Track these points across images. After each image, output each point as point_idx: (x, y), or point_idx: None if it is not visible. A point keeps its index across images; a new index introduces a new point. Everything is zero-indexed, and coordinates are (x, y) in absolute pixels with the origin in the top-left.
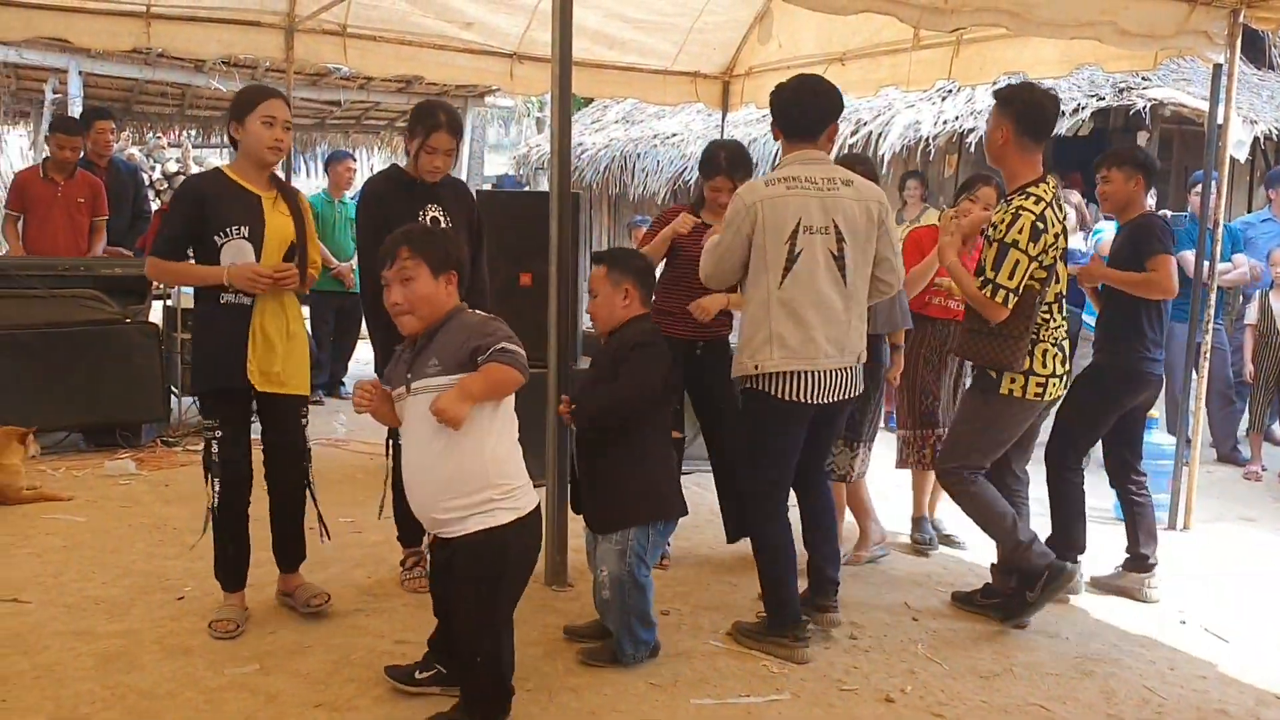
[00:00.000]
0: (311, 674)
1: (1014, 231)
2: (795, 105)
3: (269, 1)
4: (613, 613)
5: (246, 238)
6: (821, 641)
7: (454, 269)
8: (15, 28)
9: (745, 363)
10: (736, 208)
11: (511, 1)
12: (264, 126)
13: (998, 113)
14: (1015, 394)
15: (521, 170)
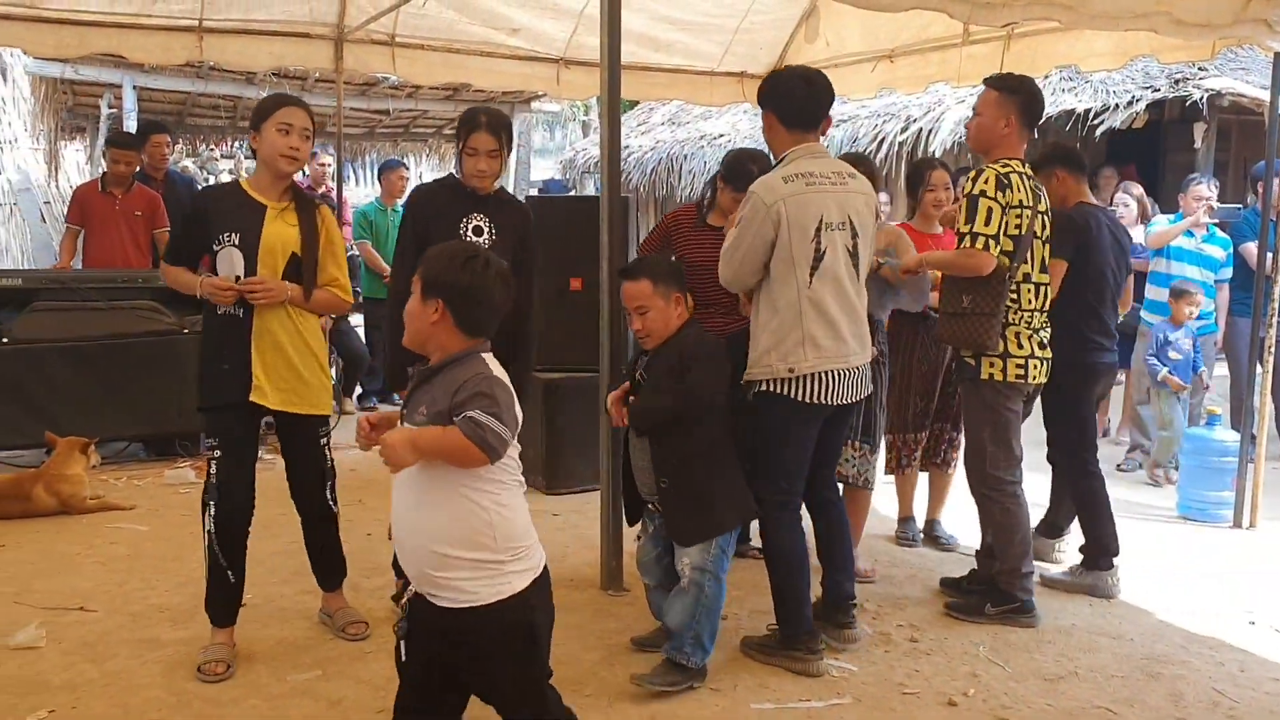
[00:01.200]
0: (373, 680)
1: (980, 184)
2: (798, 94)
3: (319, 13)
4: (685, 608)
5: (237, 245)
6: (881, 645)
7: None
8: (71, 45)
9: (775, 365)
10: (755, 207)
11: (558, 7)
12: (279, 134)
13: (1000, 101)
14: (996, 378)
15: (568, 175)
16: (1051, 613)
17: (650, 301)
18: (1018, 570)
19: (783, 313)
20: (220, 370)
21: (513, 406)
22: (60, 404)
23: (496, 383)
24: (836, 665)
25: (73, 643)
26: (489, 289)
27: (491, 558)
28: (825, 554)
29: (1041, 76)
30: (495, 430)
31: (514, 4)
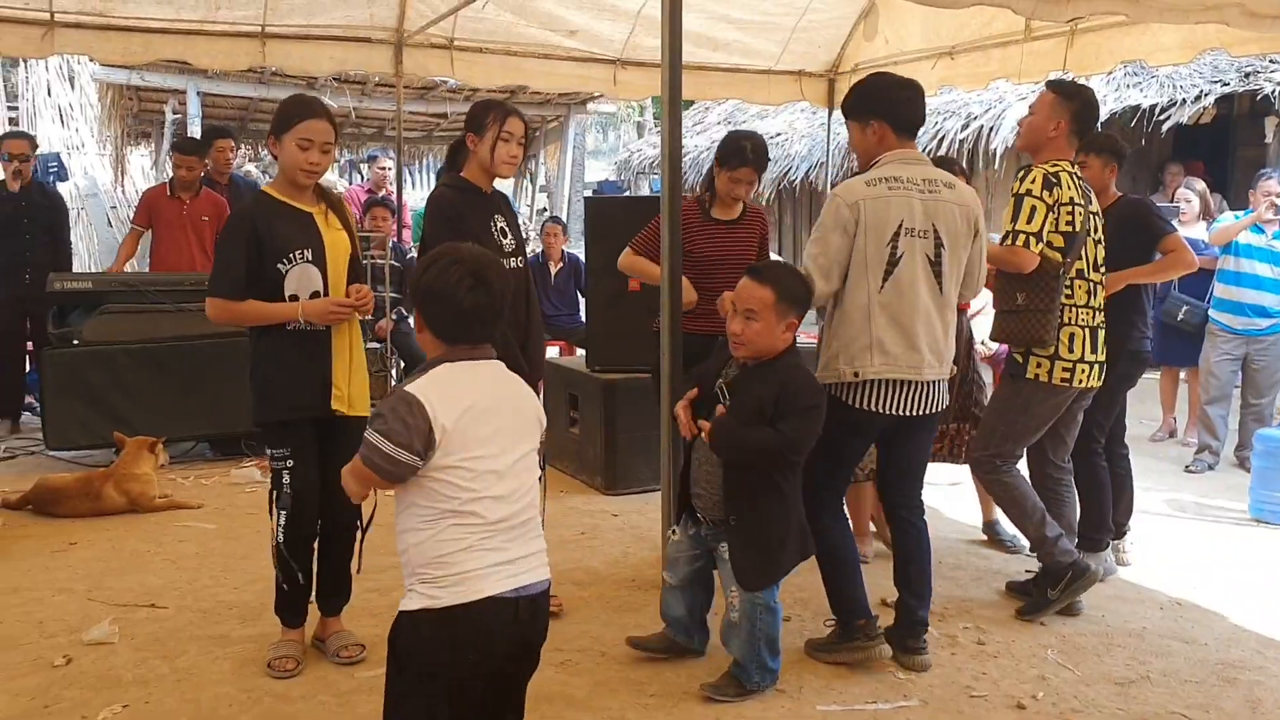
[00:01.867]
0: None
1: (1026, 183)
2: (905, 100)
3: (379, 17)
4: (740, 636)
5: (311, 260)
6: (947, 647)
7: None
8: (138, 51)
9: (842, 369)
10: (836, 208)
11: (615, 8)
12: (299, 149)
13: (1056, 104)
14: (1041, 379)
15: (622, 175)
16: (1121, 617)
17: (764, 312)
18: (1044, 538)
19: (852, 316)
20: (298, 382)
21: (406, 419)
22: (129, 404)
23: (401, 397)
24: (902, 667)
25: (144, 639)
26: (454, 295)
27: (408, 578)
28: (901, 576)
29: (1105, 72)
30: (380, 449)
31: (571, 6)
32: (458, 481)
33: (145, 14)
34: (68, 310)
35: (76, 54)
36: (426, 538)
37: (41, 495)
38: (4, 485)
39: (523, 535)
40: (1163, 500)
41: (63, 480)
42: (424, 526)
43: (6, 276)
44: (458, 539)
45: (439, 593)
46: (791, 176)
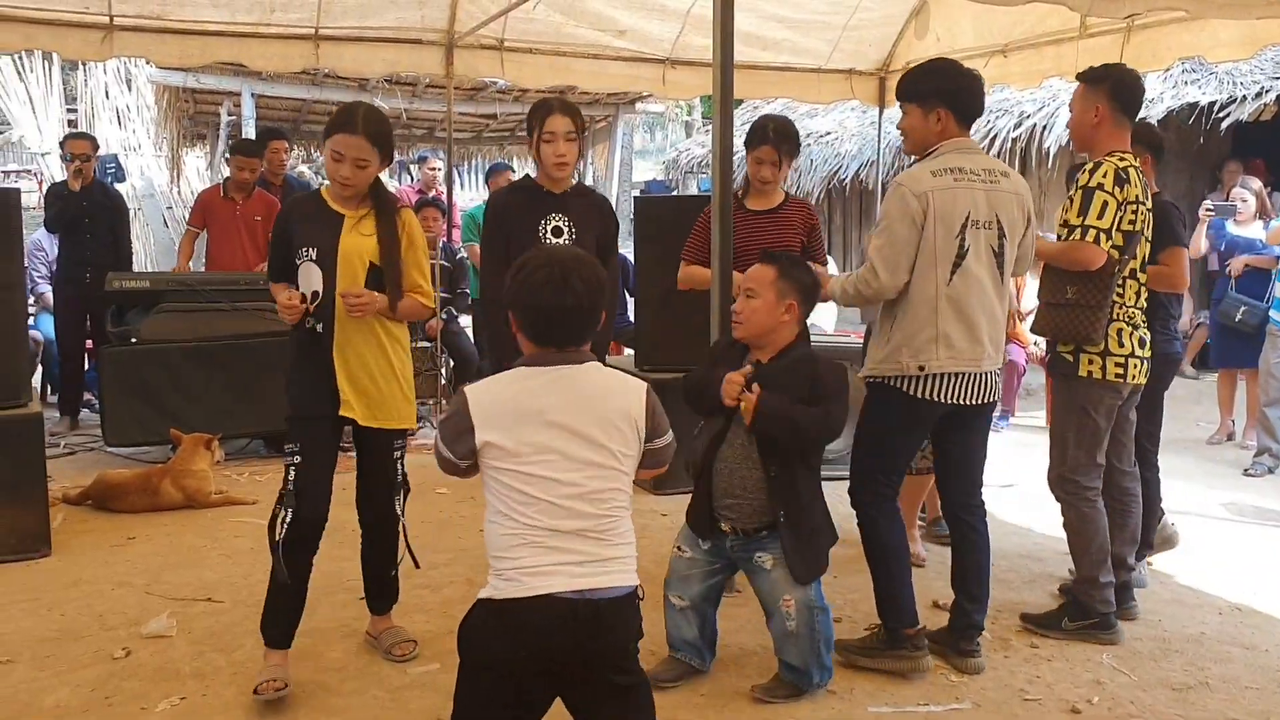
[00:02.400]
0: None
1: (1097, 176)
2: (973, 91)
3: (430, 19)
4: (800, 643)
5: (314, 260)
6: (1000, 650)
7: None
8: (195, 54)
9: (905, 362)
10: (903, 198)
11: (664, 7)
12: (332, 160)
13: (1086, 93)
14: (1095, 375)
15: (670, 175)
16: (1179, 622)
17: (764, 290)
18: (1095, 580)
19: (918, 308)
20: (302, 383)
21: (453, 421)
22: (185, 402)
23: (460, 396)
24: (953, 669)
25: (201, 632)
26: (540, 299)
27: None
28: (959, 579)
29: (1163, 69)
30: (436, 442)
31: (621, 6)
32: (509, 482)
33: (202, 17)
34: (126, 309)
35: (135, 57)
36: (493, 529)
37: (101, 491)
38: (64, 481)
39: (594, 539)
40: (1221, 504)
41: (122, 476)
42: (491, 517)
43: (68, 275)
44: (514, 534)
45: (500, 584)
46: (841, 175)
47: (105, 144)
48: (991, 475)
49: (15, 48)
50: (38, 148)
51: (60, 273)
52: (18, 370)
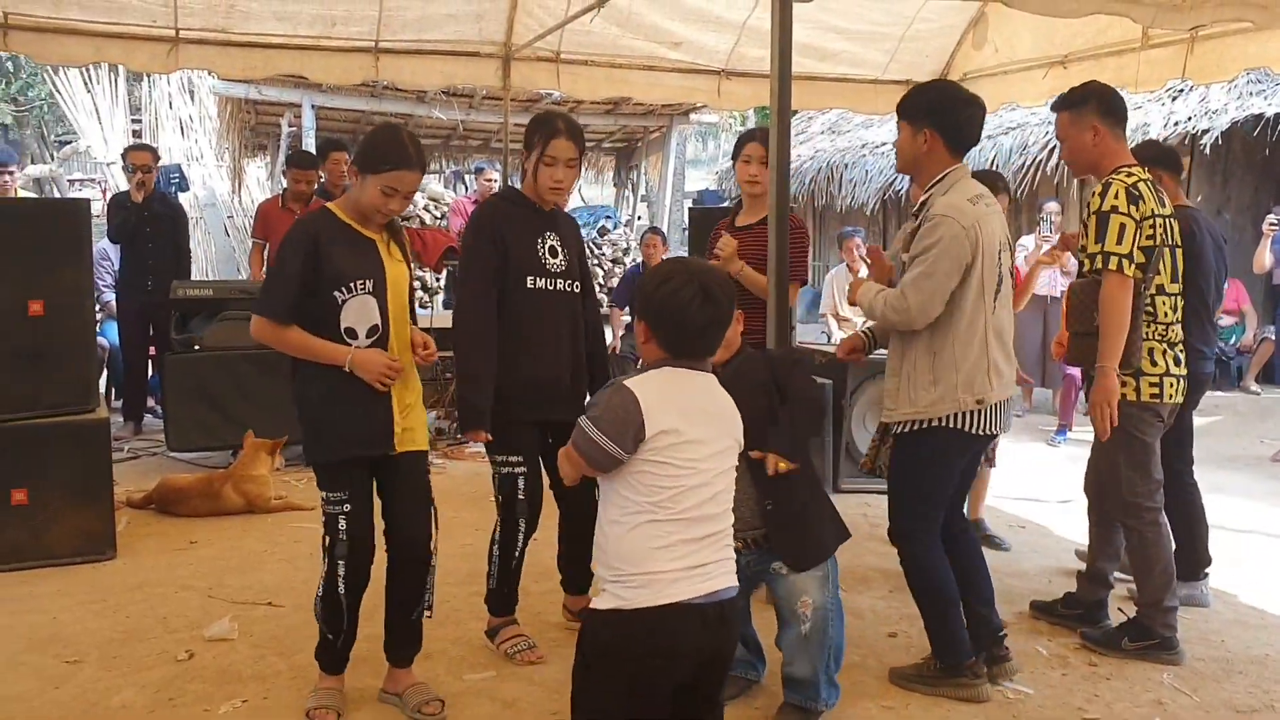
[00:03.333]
0: (546, 683)
1: (1109, 199)
2: (975, 121)
3: (488, 32)
4: (810, 649)
5: (371, 292)
6: (1058, 667)
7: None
8: (258, 66)
9: (962, 399)
10: (954, 231)
11: (720, 19)
12: (383, 195)
13: (1074, 119)
14: (1129, 398)
15: (723, 185)
16: (1242, 643)
17: None
18: (1159, 603)
19: (971, 344)
20: (356, 420)
21: (623, 414)
22: (247, 408)
23: (618, 390)
24: (1011, 686)
25: (262, 636)
26: (686, 314)
27: (601, 573)
28: (968, 586)
29: (1228, 80)
30: (588, 435)
31: (677, 18)
32: (662, 476)
33: (265, 30)
34: (189, 316)
35: (200, 69)
36: (625, 531)
37: (164, 495)
38: (128, 485)
39: (716, 541)
40: None
41: (184, 480)
42: (624, 519)
43: (130, 284)
44: (654, 537)
45: (628, 593)
46: (897, 186)
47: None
48: (1049, 490)
49: (86, 60)
50: (103, 158)
51: (123, 281)
52: (86, 377)
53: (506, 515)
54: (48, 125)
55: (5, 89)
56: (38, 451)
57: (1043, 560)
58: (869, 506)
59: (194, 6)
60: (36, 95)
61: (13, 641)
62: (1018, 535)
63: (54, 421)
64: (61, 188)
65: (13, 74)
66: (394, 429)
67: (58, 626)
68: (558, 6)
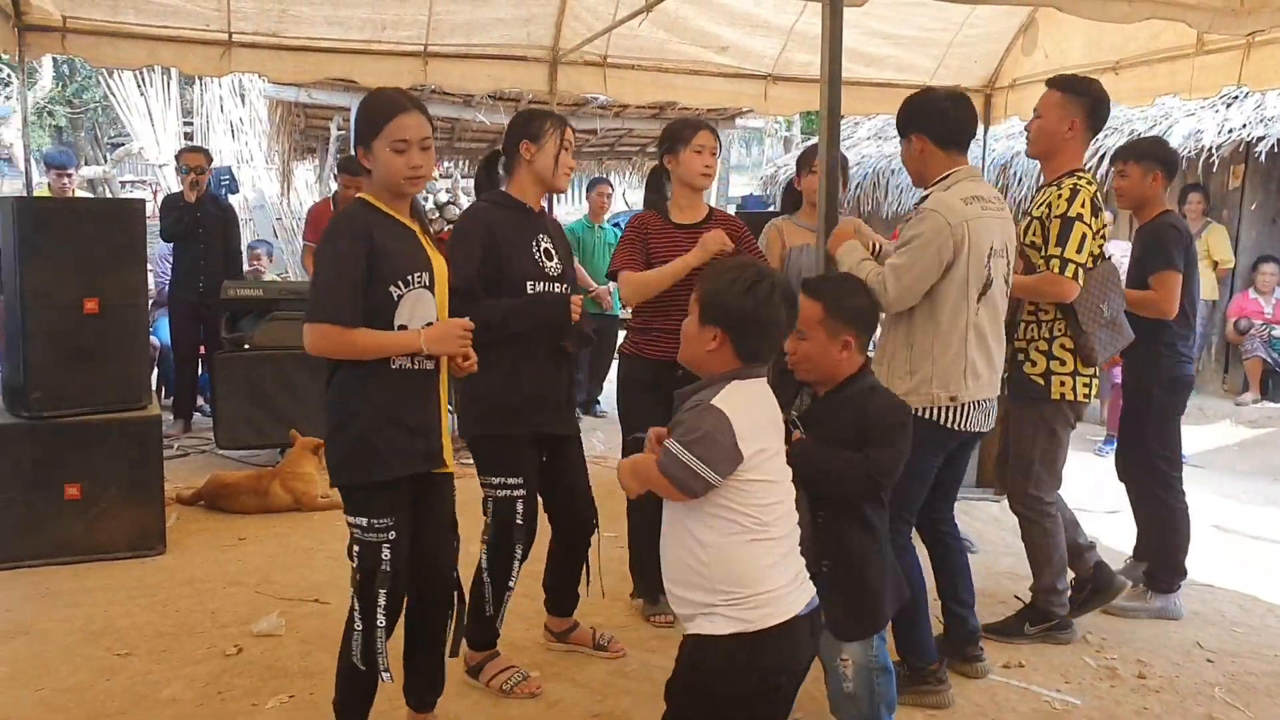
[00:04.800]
0: (590, 683)
1: (1077, 205)
2: (952, 115)
3: (535, 36)
4: (859, 705)
5: (427, 285)
6: (1106, 679)
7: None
8: (309, 70)
9: (935, 393)
10: (937, 226)
11: (768, 24)
12: (396, 154)
13: (1065, 103)
14: (1067, 396)
15: (768, 190)
16: None
17: (812, 330)
18: (1054, 588)
19: (950, 339)
20: (406, 434)
21: (720, 438)
22: (295, 407)
23: (708, 412)
24: (1058, 697)
25: (309, 632)
26: (775, 319)
27: (703, 599)
28: (948, 589)
29: None
30: (684, 463)
31: (724, 22)
32: (762, 494)
33: (316, 34)
34: (239, 316)
35: (252, 73)
36: (729, 552)
37: (214, 491)
38: (178, 481)
39: (796, 547)
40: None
41: (234, 477)
42: (723, 540)
43: (181, 283)
44: (762, 555)
45: (752, 614)
46: None
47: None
48: (1096, 500)
49: (140, 63)
50: (155, 159)
51: (174, 280)
52: (139, 374)
53: (501, 542)
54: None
55: (61, 91)
56: (91, 447)
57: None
58: None
59: (246, 10)
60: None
61: (66, 634)
62: None
63: (107, 418)
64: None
65: (69, 77)
66: (439, 446)
67: (109, 620)
68: (605, 11)
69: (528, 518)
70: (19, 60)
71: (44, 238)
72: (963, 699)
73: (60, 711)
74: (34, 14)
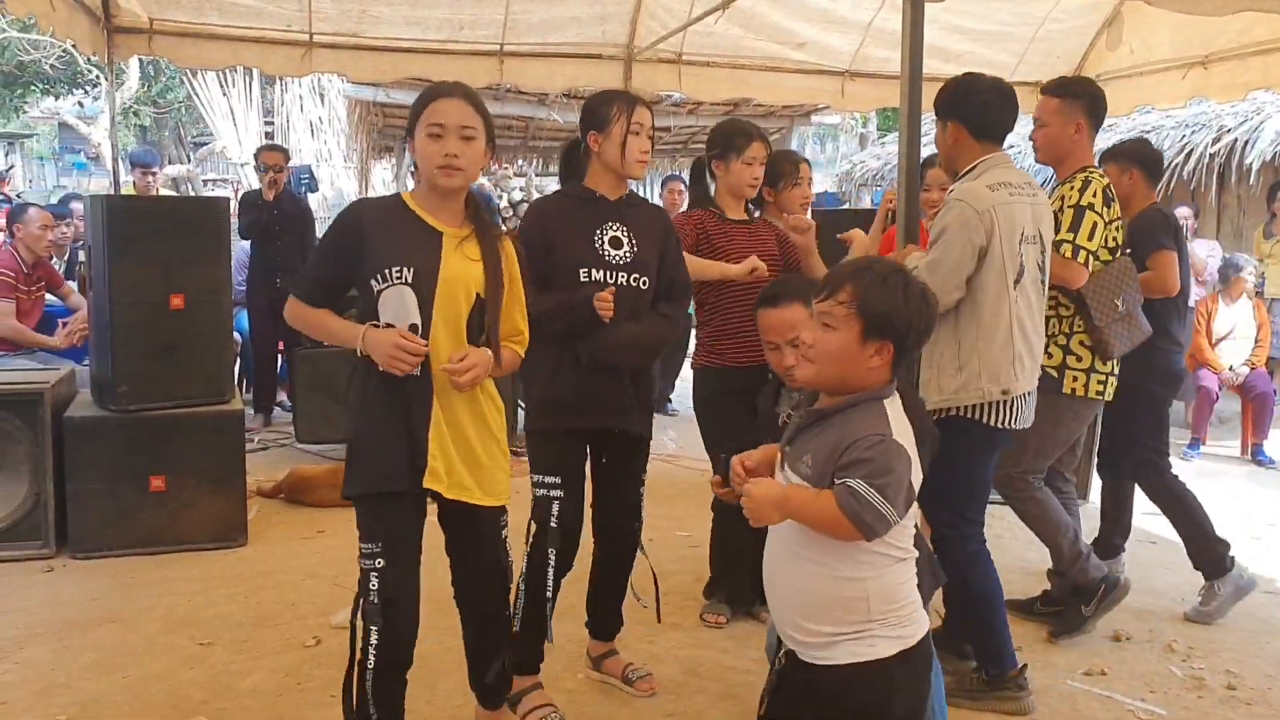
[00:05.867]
0: (663, 682)
1: (1088, 195)
2: (992, 105)
3: (611, 34)
4: None
5: (410, 283)
6: (1193, 689)
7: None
8: (387, 70)
9: (987, 389)
10: (964, 214)
11: (845, 20)
12: (430, 139)
13: (1065, 107)
14: (1078, 393)
15: (843, 187)
16: None
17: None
18: (1078, 554)
19: (994, 330)
20: (383, 447)
21: (907, 477)
22: None
23: (894, 449)
24: (1143, 707)
25: None
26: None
27: (855, 625)
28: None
29: None
30: (876, 508)
31: (801, 19)
32: (908, 520)
33: (395, 35)
34: None
35: (332, 73)
36: (886, 582)
37: (293, 484)
38: (258, 475)
39: None
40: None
41: (313, 471)
42: (883, 571)
43: (260, 280)
44: (904, 573)
45: (908, 629)
46: None
47: (299, 155)
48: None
49: (223, 64)
50: (237, 158)
51: (253, 278)
52: (223, 369)
53: (535, 545)
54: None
55: (146, 91)
56: (175, 440)
57: (1173, 577)
58: None
59: (327, 11)
60: (175, 98)
61: (150, 623)
62: (1148, 551)
63: (191, 412)
64: (196, 187)
65: (154, 77)
66: (425, 462)
67: (192, 610)
68: (681, 8)
69: (565, 520)
70: (108, 61)
71: (132, 235)
72: (1043, 706)
73: (145, 700)
74: (122, 16)
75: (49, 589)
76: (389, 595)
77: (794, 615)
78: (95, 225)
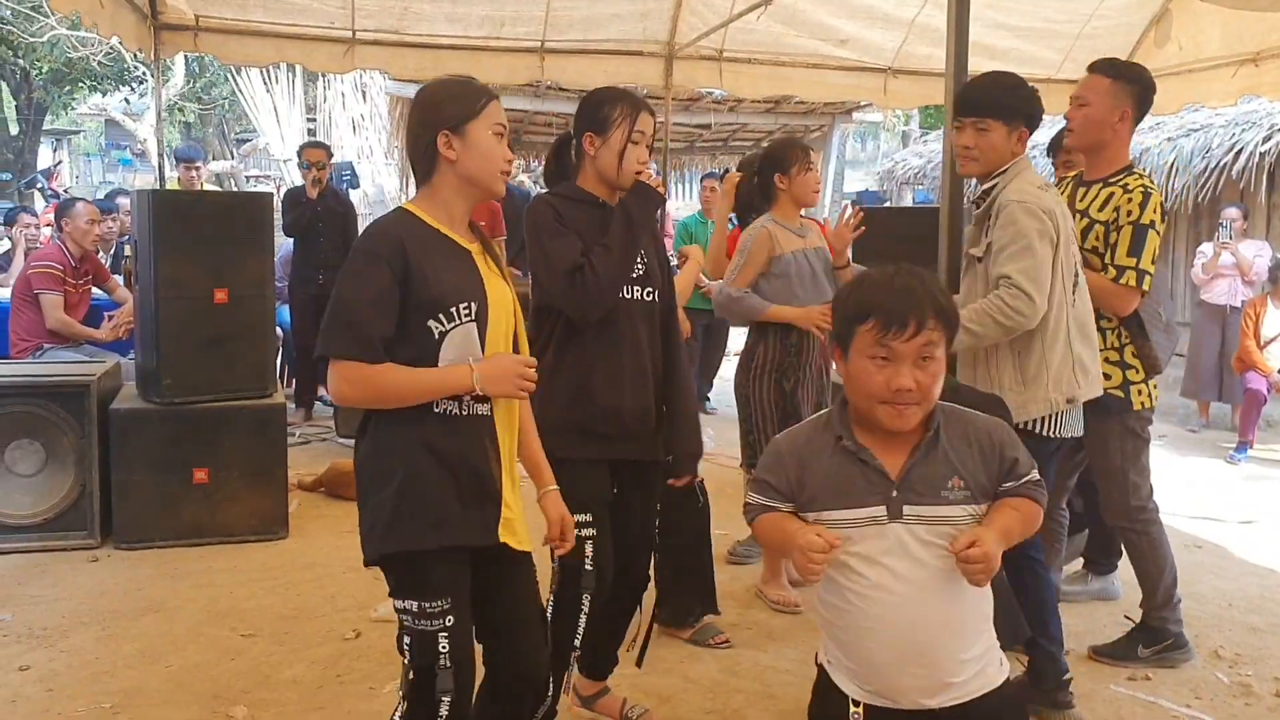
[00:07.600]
0: (701, 680)
1: (1149, 211)
2: (1041, 108)
3: (652, 31)
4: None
5: (474, 319)
6: (1241, 696)
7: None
8: (429, 67)
9: (1053, 398)
10: (1034, 214)
11: (888, 16)
12: (497, 138)
13: (1115, 89)
14: (1146, 405)
15: (885, 185)
16: None
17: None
18: (1169, 602)
19: (1056, 336)
20: (452, 495)
21: None
22: None
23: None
24: (1189, 713)
25: None
26: None
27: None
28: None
29: None
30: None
31: (843, 15)
32: None
33: (437, 32)
34: None
35: (375, 69)
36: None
37: (334, 479)
38: (299, 468)
39: None
40: None
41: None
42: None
43: (302, 276)
44: None
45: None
46: None
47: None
48: (1227, 510)
49: (268, 60)
50: (280, 154)
51: (295, 274)
52: (265, 363)
53: (564, 593)
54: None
55: (191, 88)
56: (218, 433)
57: (1219, 583)
58: None
59: (370, 8)
60: (219, 94)
61: (193, 613)
62: (1193, 555)
63: (234, 405)
64: (239, 182)
65: (198, 74)
66: (499, 511)
67: (234, 601)
68: (723, 5)
69: (599, 560)
70: (154, 58)
71: (178, 230)
72: (1088, 711)
73: (188, 689)
74: (169, 13)
75: (94, 578)
76: (459, 656)
77: (953, 652)
78: (141, 220)
